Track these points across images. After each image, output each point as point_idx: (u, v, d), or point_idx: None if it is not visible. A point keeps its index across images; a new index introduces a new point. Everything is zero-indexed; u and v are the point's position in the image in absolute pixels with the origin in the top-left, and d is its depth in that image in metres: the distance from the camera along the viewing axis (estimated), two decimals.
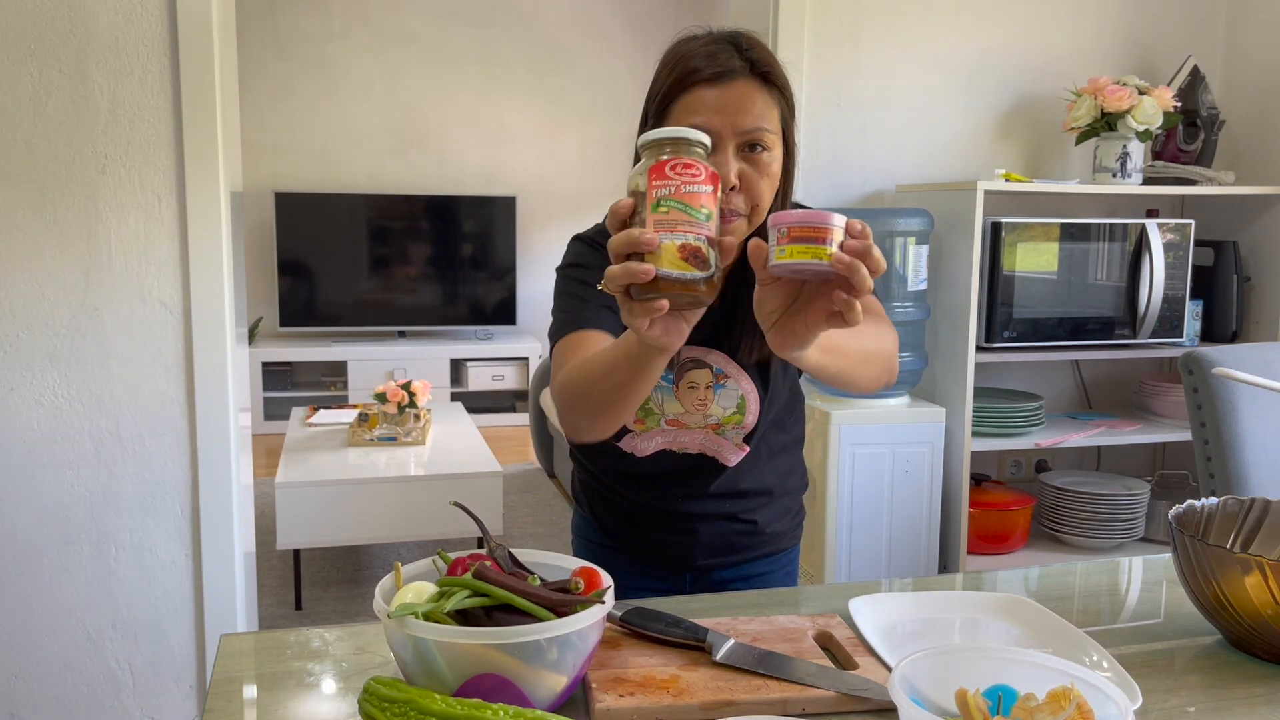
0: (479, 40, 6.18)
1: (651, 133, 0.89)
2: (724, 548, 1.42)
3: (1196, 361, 1.92)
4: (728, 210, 1.16)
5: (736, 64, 1.16)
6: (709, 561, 1.43)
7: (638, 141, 0.92)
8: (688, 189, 0.85)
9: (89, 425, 2.30)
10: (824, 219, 0.85)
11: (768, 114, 1.17)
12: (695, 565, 1.43)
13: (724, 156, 1.16)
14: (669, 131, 0.88)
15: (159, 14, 2.22)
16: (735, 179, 1.16)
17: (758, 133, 1.16)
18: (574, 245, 1.35)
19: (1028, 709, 0.82)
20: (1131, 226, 2.80)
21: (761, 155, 1.17)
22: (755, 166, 1.17)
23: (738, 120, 1.15)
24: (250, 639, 1.09)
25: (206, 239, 2.29)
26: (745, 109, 1.16)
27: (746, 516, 1.42)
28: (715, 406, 1.33)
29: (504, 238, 6.17)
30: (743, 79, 1.16)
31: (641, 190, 0.86)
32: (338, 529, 3.37)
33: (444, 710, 0.84)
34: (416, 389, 3.81)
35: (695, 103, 1.16)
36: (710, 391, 1.33)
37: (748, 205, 1.18)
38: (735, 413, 1.34)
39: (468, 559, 1.01)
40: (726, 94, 1.16)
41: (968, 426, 2.73)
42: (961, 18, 2.90)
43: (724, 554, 1.43)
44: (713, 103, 1.15)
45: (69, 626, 2.35)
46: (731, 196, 1.16)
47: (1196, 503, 1.21)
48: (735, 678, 0.98)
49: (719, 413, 1.33)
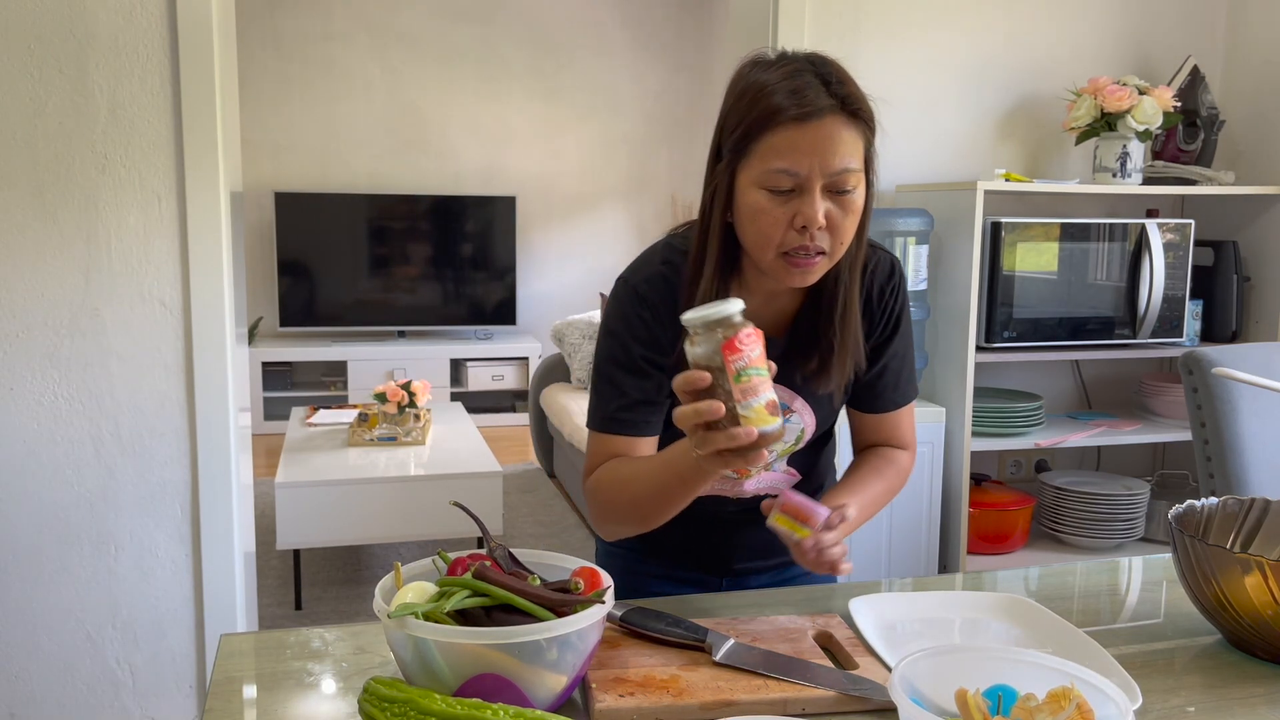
0: (479, 40, 6.17)
1: (699, 315, 0.96)
2: (763, 551, 1.38)
3: (1196, 361, 1.91)
4: (812, 248, 1.14)
5: (824, 102, 1.10)
6: (746, 565, 1.40)
7: (686, 319, 0.97)
8: (755, 353, 0.97)
9: (89, 425, 2.30)
10: (814, 511, 1.12)
11: (855, 151, 1.13)
12: (733, 569, 1.40)
13: (810, 198, 1.11)
14: (717, 312, 0.96)
15: (159, 14, 2.22)
16: (822, 219, 1.12)
17: (845, 174, 1.12)
18: (618, 294, 1.28)
19: (1028, 709, 0.82)
20: (1131, 226, 2.80)
21: (848, 195, 1.13)
22: (841, 205, 1.13)
23: (826, 162, 1.10)
24: (250, 639, 1.09)
25: (206, 239, 2.29)
26: (833, 149, 1.11)
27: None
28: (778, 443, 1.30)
29: (504, 238, 6.17)
30: (830, 117, 1.11)
31: (717, 365, 0.97)
32: (338, 529, 3.37)
33: (444, 710, 0.84)
34: (416, 389, 3.81)
35: (780, 144, 1.11)
36: None
37: (832, 244, 1.14)
38: (793, 444, 1.32)
39: (468, 559, 1.01)
40: (814, 134, 1.10)
41: (968, 426, 2.73)
42: (961, 18, 2.90)
43: (763, 557, 1.39)
44: (799, 144, 1.10)
45: (69, 627, 2.35)
46: (816, 234, 1.13)
47: (1196, 503, 1.21)
48: (735, 678, 0.98)
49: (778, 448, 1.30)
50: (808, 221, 1.11)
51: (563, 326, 5.14)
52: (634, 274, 1.27)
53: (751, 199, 1.14)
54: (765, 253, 1.15)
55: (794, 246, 1.13)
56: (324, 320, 5.98)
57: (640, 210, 6.60)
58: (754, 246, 1.16)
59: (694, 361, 0.98)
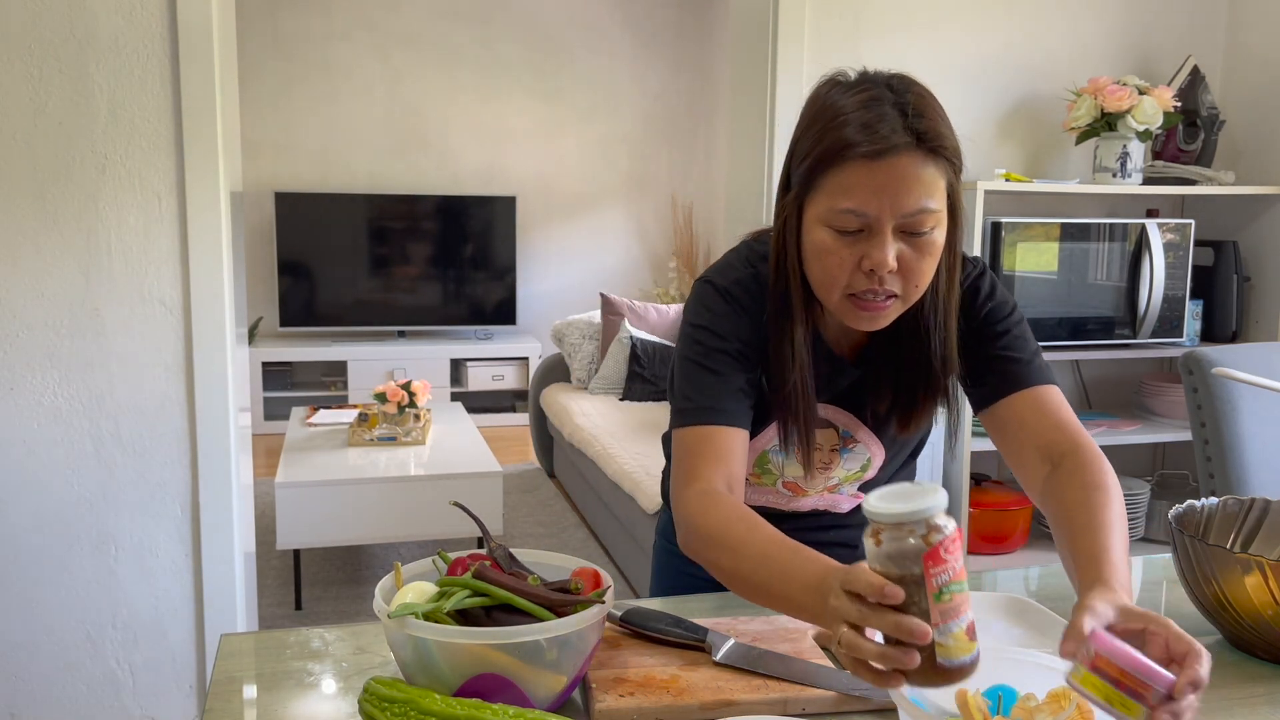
0: (479, 40, 6.17)
1: (891, 510, 0.78)
2: None
3: (1196, 361, 1.91)
4: (881, 291, 1.05)
5: (900, 138, 1.01)
6: None
7: (874, 512, 0.80)
8: (960, 564, 0.80)
9: (89, 425, 2.30)
10: (1153, 678, 0.77)
11: (933, 190, 1.03)
12: None
13: (880, 240, 1.03)
14: (917, 510, 0.78)
15: (159, 14, 2.22)
16: (893, 262, 1.03)
17: (921, 215, 1.03)
18: (704, 293, 1.19)
19: (1028, 709, 0.82)
20: (1131, 226, 2.80)
21: (924, 237, 1.04)
22: (916, 248, 1.05)
23: (899, 203, 1.02)
24: (250, 639, 1.09)
25: (206, 239, 2.29)
26: (908, 189, 1.02)
27: (851, 543, 1.32)
28: (839, 469, 1.24)
29: (504, 238, 6.17)
30: (906, 155, 1.01)
31: (912, 576, 0.78)
32: (338, 529, 3.37)
33: (444, 710, 0.84)
34: (416, 389, 3.81)
35: (850, 182, 1.02)
36: (836, 455, 1.23)
37: (905, 287, 1.07)
38: (858, 472, 1.26)
39: (468, 559, 1.01)
40: (887, 173, 1.01)
41: (968, 426, 2.73)
42: (961, 18, 2.90)
43: None
44: (870, 183, 1.01)
45: (69, 626, 2.35)
46: (886, 278, 1.05)
47: (1196, 503, 1.21)
48: (735, 678, 0.98)
49: (841, 475, 1.25)
50: (876, 265, 1.03)
51: (563, 326, 5.14)
52: (720, 276, 1.19)
53: (817, 237, 1.06)
54: (831, 294, 1.08)
55: (861, 289, 1.06)
56: (324, 320, 5.98)
57: (640, 210, 6.60)
58: (819, 286, 1.09)
59: (877, 564, 0.80)
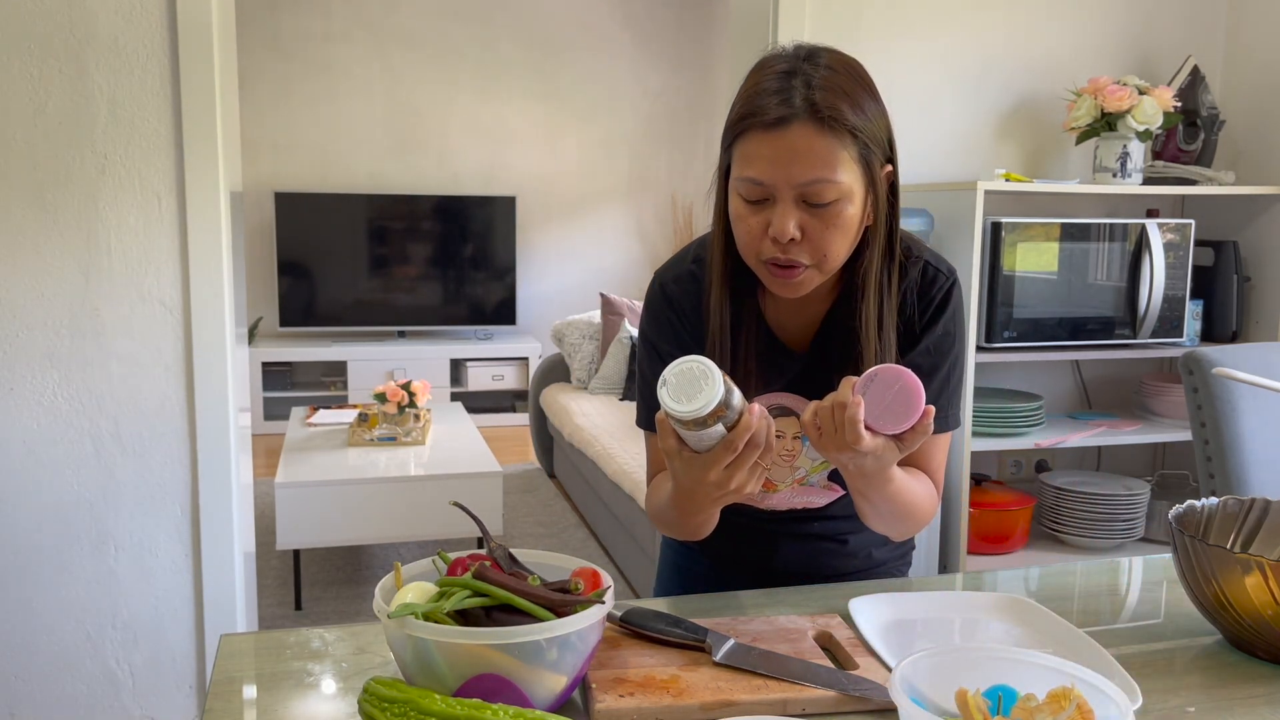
0: (479, 40, 6.17)
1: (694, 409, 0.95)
2: (809, 564, 1.34)
3: (1196, 361, 1.91)
4: (785, 259, 1.08)
5: (796, 109, 1.02)
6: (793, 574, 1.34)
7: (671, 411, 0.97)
8: (742, 405, 1.00)
9: (89, 425, 2.30)
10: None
11: (832, 161, 1.03)
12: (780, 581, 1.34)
13: (782, 208, 1.05)
14: (709, 404, 0.95)
15: (159, 14, 2.22)
16: (795, 231, 1.05)
17: (818, 185, 1.03)
18: (649, 293, 1.26)
19: (1028, 709, 0.82)
20: (1131, 226, 2.80)
21: (828, 208, 1.05)
22: (820, 218, 1.05)
23: (792, 172, 1.03)
24: (250, 639, 1.09)
25: (206, 239, 2.29)
26: (800, 158, 1.03)
27: (836, 536, 1.33)
28: (803, 458, 1.24)
29: (504, 238, 6.17)
30: (799, 125, 1.02)
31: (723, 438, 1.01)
32: (338, 529, 3.37)
33: (444, 710, 0.84)
34: (416, 389, 3.81)
35: (751, 151, 1.05)
36: (799, 443, 1.23)
37: (813, 257, 1.08)
38: (823, 462, 1.25)
39: (468, 559, 1.01)
40: (778, 143, 1.03)
41: (968, 426, 2.73)
42: (961, 17, 2.90)
43: (809, 570, 1.34)
44: (767, 152, 1.03)
45: (69, 626, 2.35)
46: (791, 248, 1.07)
47: (1196, 503, 1.21)
48: (735, 678, 0.98)
49: (806, 464, 1.25)
50: (777, 234, 1.06)
51: (563, 326, 5.13)
52: (665, 272, 1.26)
53: (733, 205, 1.11)
54: (749, 259, 1.12)
55: (770, 256, 1.09)
56: (324, 320, 5.98)
57: (640, 210, 6.60)
58: (741, 252, 1.13)
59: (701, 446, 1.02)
